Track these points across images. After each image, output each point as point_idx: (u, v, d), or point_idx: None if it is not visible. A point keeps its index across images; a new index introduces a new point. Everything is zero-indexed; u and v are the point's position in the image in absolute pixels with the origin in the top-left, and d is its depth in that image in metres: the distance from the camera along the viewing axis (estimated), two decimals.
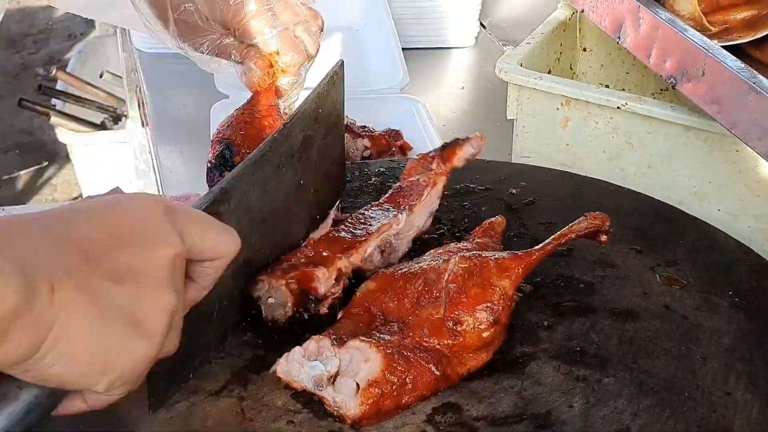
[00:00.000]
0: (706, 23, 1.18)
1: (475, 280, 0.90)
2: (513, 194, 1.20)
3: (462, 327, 0.88)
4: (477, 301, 0.89)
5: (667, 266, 1.06)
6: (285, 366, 0.85)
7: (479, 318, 0.88)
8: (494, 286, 0.90)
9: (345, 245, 0.99)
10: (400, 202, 1.07)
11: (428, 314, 0.89)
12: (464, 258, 0.93)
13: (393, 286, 0.93)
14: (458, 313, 0.88)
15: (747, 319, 0.97)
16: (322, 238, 1.00)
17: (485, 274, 0.90)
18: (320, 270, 0.93)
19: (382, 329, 0.89)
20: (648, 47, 1.12)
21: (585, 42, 1.63)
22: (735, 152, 1.19)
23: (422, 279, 0.92)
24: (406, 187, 1.09)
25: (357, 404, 0.81)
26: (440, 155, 1.10)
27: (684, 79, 1.05)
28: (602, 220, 0.97)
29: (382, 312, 0.92)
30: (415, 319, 0.89)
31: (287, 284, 0.93)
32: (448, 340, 0.88)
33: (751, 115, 0.95)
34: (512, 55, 1.37)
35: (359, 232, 1.01)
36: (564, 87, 1.29)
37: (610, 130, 1.29)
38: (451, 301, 0.89)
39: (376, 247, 1.00)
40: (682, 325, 0.97)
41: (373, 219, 1.03)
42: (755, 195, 1.21)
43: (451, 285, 0.90)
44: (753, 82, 0.95)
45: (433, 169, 1.09)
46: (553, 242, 0.95)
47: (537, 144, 1.36)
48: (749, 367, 0.91)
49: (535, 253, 0.94)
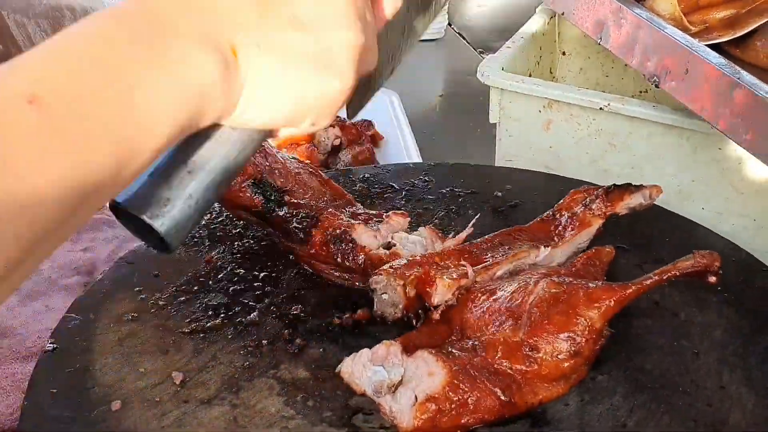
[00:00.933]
0: (686, 23, 1.19)
1: (561, 308, 0.84)
2: (498, 197, 1.20)
3: (538, 354, 0.83)
4: (559, 329, 0.83)
5: (654, 264, 1.05)
6: (350, 366, 0.84)
7: (559, 347, 0.83)
8: (580, 316, 0.83)
9: (475, 260, 0.96)
10: (550, 230, 1.03)
11: (506, 336, 0.84)
12: (553, 282, 0.87)
13: (476, 300, 0.89)
14: (537, 339, 0.83)
15: (738, 315, 0.97)
16: (456, 249, 0.98)
17: (572, 302, 0.84)
18: (442, 280, 0.89)
19: (456, 344, 0.85)
20: (630, 47, 1.12)
21: (564, 46, 1.63)
22: (718, 150, 1.20)
23: (507, 298, 0.87)
24: (560, 217, 1.03)
25: (411, 417, 0.79)
26: (605, 196, 1.03)
27: (667, 77, 1.05)
28: (711, 260, 0.88)
29: (461, 326, 0.88)
30: (492, 338, 0.85)
31: (404, 285, 0.91)
32: (521, 365, 0.83)
33: (735, 111, 0.96)
34: (494, 59, 1.38)
35: (494, 251, 0.98)
36: (546, 89, 1.30)
37: (592, 132, 1.29)
38: (531, 326, 0.84)
39: (506, 272, 0.96)
40: (672, 321, 0.97)
41: (515, 241, 1.00)
42: (739, 193, 1.21)
43: (534, 309, 0.85)
44: (737, 77, 0.95)
45: (593, 208, 1.03)
46: (654, 278, 0.87)
47: (520, 147, 1.36)
48: (743, 362, 0.91)
49: (631, 287, 0.86)
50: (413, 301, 0.92)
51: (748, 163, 1.18)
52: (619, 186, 1.04)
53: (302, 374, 0.89)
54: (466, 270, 0.92)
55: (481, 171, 1.27)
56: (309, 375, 0.89)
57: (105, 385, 0.87)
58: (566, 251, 1.01)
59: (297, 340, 0.94)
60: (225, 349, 0.92)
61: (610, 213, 1.03)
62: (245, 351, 0.92)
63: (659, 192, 1.03)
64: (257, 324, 0.96)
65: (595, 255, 0.98)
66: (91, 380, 0.87)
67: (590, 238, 1.02)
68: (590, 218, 1.02)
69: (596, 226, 1.02)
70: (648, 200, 1.03)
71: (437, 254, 0.97)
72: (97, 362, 0.90)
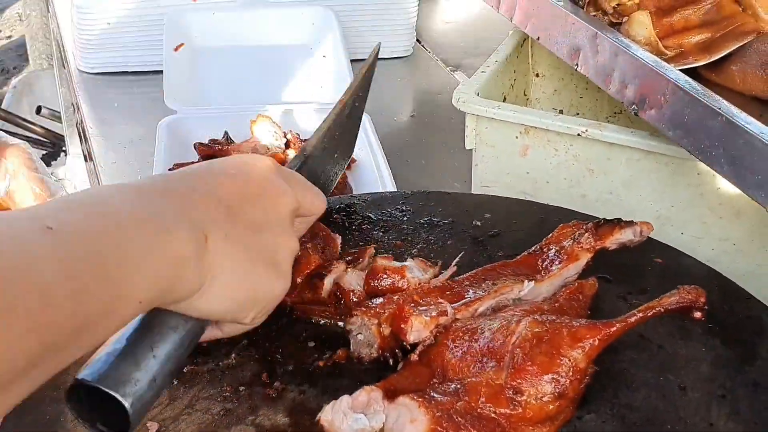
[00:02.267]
0: (661, 48, 1.18)
1: (543, 348, 0.82)
2: (478, 226, 1.18)
3: (522, 397, 0.80)
4: (543, 370, 0.81)
5: (639, 295, 1.04)
6: (329, 414, 0.81)
7: (542, 389, 0.80)
8: (564, 356, 0.82)
9: (456, 297, 0.93)
10: (537, 264, 1.00)
11: (489, 378, 0.82)
12: (536, 321, 0.85)
13: (457, 340, 0.86)
14: (520, 381, 0.80)
15: (724, 345, 0.96)
16: (437, 287, 0.96)
17: (555, 342, 0.82)
18: (417, 317, 0.88)
19: (438, 387, 0.83)
20: (608, 74, 1.11)
21: (537, 68, 1.62)
22: (696, 175, 1.19)
23: (489, 338, 0.85)
24: (548, 251, 1.01)
25: None
26: (595, 231, 1.01)
27: (646, 105, 1.04)
28: (696, 295, 0.86)
29: (443, 368, 0.85)
30: (475, 381, 0.82)
31: (378, 324, 0.90)
32: (505, 409, 0.80)
33: (716, 140, 0.95)
34: (468, 84, 1.36)
35: (477, 287, 0.95)
36: (523, 115, 1.28)
37: (570, 158, 1.28)
38: (514, 367, 0.81)
39: (489, 307, 0.93)
40: (658, 354, 0.95)
41: (499, 276, 0.98)
42: (718, 217, 1.21)
43: (517, 350, 0.82)
44: (717, 107, 0.94)
45: (581, 242, 1.00)
46: (638, 315, 0.85)
47: (497, 174, 1.35)
48: (731, 395, 0.90)
49: (615, 324, 0.84)
50: (388, 340, 0.91)
51: (726, 188, 1.17)
52: (609, 221, 1.02)
53: (282, 420, 0.86)
54: (445, 308, 0.90)
55: (459, 199, 1.25)
56: (289, 421, 0.86)
57: None
58: (553, 285, 0.99)
59: (276, 384, 0.91)
60: (201, 395, 0.89)
61: (599, 247, 1.01)
62: (222, 397, 0.89)
63: (650, 229, 1.02)
64: (234, 367, 0.93)
65: (577, 289, 0.96)
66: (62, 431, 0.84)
67: (578, 272, 1.00)
68: (578, 252, 1.00)
69: (584, 260, 1.00)
70: (638, 237, 1.02)
71: (416, 292, 0.95)
72: (68, 413, 0.86)
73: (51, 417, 0.86)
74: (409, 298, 0.93)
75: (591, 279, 0.99)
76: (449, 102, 1.36)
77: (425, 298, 0.93)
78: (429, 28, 2.69)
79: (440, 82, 2.31)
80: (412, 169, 1.82)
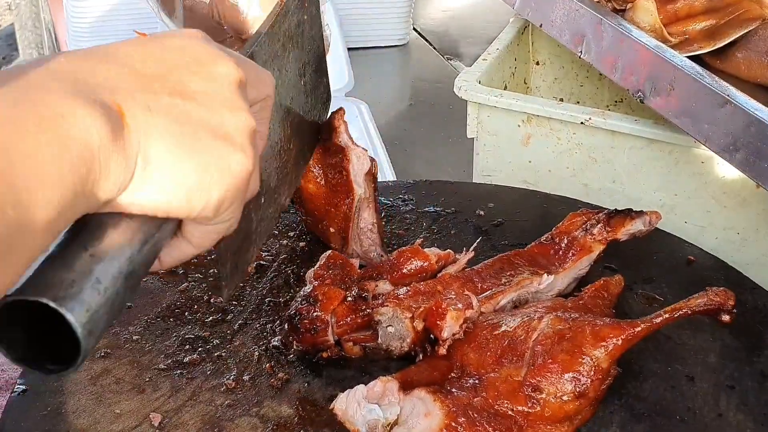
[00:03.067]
0: (666, 34, 1.17)
1: (565, 345, 0.80)
2: (481, 216, 1.17)
3: (541, 395, 0.78)
4: (563, 368, 0.79)
5: (644, 284, 1.04)
6: (344, 403, 0.80)
7: (562, 388, 0.79)
8: (585, 355, 0.79)
9: (477, 289, 0.92)
10: (550, 255, 0.99)
11: (508, 374, 0.80)
12: (558, 318, 0.83)
13: (478, 335, 0.85)
14: (540, 379, 0.79)
15: (731, 335, 0.95)
16: (457, 276, 0.94)
17: (578, 340, 0.80)
18: (451, 313, 0.84)
19: (456, 382, 0.81)
20: (613, 61, 1.10)
21: (538, 56, 1.61)
22: (701, 164, 1.18)
23: (510, 334, 0.83)
24: (559, 241, 1.00)
25: None
26: (606, 221, 1.00)
27: (652, 93, 1.03)
28: (725, 298, 0.85)
29: (462, 362, 0.83)
30: (493, 377, 0.80)
31: (412, 318, 0.87)
32: (523, 406, 0.78)
33: (724, 128, 0.94)
34: (470, 72, 1.34)
35: (497, 278, 0.94)
36: (525, 103, 1.27)
37: (573, 146, 1.27)
38: (534, 364, 0.80)
39: (510, 300, 0.92)
40: (665, 344, 0.95)
41: (515, 267, 0.96)
42: (722, 206, 1.20)
43: (538, 346, 0.80)
44: (726, 94, 0.93)
45: (594, 233, 0.99)
46: (664, 316, 0.84)
47: (499, 162, 1.34)
48: (739, 386, 0.89)
49: (640, 324, 0.82)
50: (420, 334, 0.88)
51: (730, 177, 1.16)
52: (621, 211, 1.01)
53: (286, 411, 0.85)
54: (471, 300, 0.88)
55: (461, 189, 1.24)
56: (293, 412, 0.85)
57: (79, 429, 0.83)
58: (567, 278, 0.98)
59: (280, 374, 0.90)
60: (204, 386, 0.88)
61: (611, 239, 1.00)
62: (226, 388, 0.88)
63: (658, 218, 1.01)
64: (237, 357, 0.92)
65: (603, 286, 0.95)
66: (64, 424, 0.83)
67: (591, 264, 0.99)
68: (591, 244, 0.99)
69: (597, 252, 0.99)
70: (648, 226, 1.00)
71: (438, 282, 0.93)
72: (69, 404, 0.85)
73: (52, 408, 0.85)
74: (433, 288, 0.91)
75: (617, 276, 0.98)
76: (447, 91, 1.35)
77: (449, 289, 0.92)
78: (425, 17, 2.67)
79: (437, 71, 2.30)
80: (410, 157, 1.81)
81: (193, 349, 0.93)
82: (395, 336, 0.88)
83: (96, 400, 0.86)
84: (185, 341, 0.94)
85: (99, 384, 0.88)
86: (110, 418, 0.84)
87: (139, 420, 0.84)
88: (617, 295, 0.96)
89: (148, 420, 0.83)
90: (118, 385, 0.88)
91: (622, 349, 0.81)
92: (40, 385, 0.87)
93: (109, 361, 0.91)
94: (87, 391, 0.87)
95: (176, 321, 0.97)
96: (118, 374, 0.89)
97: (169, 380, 0.89)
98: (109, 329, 0.93)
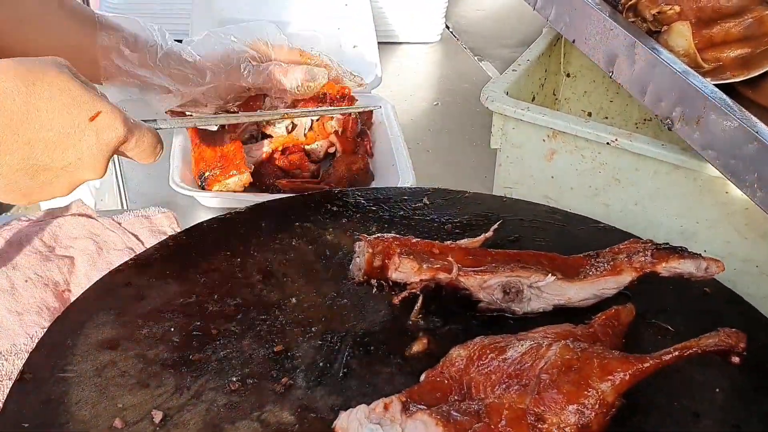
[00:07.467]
0: (700, 60, 1.15)
1: (572, 376, 0.79)
2: (497, 230, 1.16)
3: (544, 425, 0.77)
4: (568, 400, 0.78)
5: (657, 314, 1.03)
6: (345, 422, 0.80)
7: (566, 419, 0.77)
8: (592, 388, 0.79)
9: (474, 262, 0.95)
10: (582, 267, 0.99)
11: (512, 401, 0.79)
12: (567, 348, 0.82)
13: (484, 357, 0.84)
14: (544, 408, 0.78)
15: (740, 372, 0.94)
16: (464, 248, 0.99)
17: (585, 372, 0.80)
18: (405, 260, 0.93)
19: (458, 405, 0.80)
20: (643, 85, 1.08)
21: (569, 67, 1.59)
22: (725, 194, 1.16)
23: (517, 359, 0.82)
24: (602, 257, 1.00)
25: None
26: (655, 252, 0.98)
27: (681, 121, 1.01)
28: (737, 340, 0.84)
29: (466, 384, 0.83)
30: (497, 402, 0.80)
31: (372, 254, 0.96)
32: None
33: (751, 165, 0.92)
34: (498, 82, 1.33)
35: (501, 263, 0.97)
36: (552, 119, 1.26)
37: (597, 165, 1.25)
38: (539, 393, 0.79)
39: (499, 283, 0.94)
40: (673, 378, 0.93)
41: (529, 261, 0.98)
42: (743, 238, 1.18)
43: (544, 375, 0.80)
44: (755, 131, 0.91)
45: (632, 259, 0.98)
46: (673, 354, 0.83)
47: (521, 175, 1.33)
48: (745, 427, 0.88)
49: (649, 360, 0.82)
50: (374, 269, 0.96)
51: (754, 209, 1.15)
52: (672, 246, 0.99)
53: (287, 418, 0.85)
54: (451, 266, 0.93)
55: (479, 200, 1.23)
56: (294, 419, 0.85)
57: (80, 420, 0.83)
58: (584, 290, 0.97)
59: (283, 379, 0.90)
60: (208, 386, 0.88)
61: (649, 270, 0.98)
62: (228, 389, 0.88)
63: (720, 269, 0.97)
64: (243, 358, 0.92)
65: (614, 315, 0.93)
66: (65, 415, 0.83)
67: (618, 288, 0.98)
68: (624, 267, 0.98)
69: (628, 278, 0.97)
70: (702, 273, 0.97)
71: (438, 245, 0.98)
72: (72, 394, 0.85)
73: (54, 397, 0.85)
74: (427, 247, 0.97)
75: (628, 304, 0.97)
76: (474, 93, 1.34)
77: (444, 253, 0.97)
78: (459, 15, 2.65)
79: (467, 71, 2.28)
80: (432, 159, 1.80)
81: (201, 346, 0.93)
82: (357, 266, 0.99)
83: (99, 392, 0.86)
84: (193, 337, 0.94)
85: (103, 376, 0.88)
86: (112, 411, 0.84)
87: (141, 416, 0.84)
88: (628, 324, 0.95)
89: (150, 416, 0.84)
90: (123, 378, 0.88)
91: (629, 384, 0.81)
92: (44, 374, 0.87)
93: (116, 352, 0.91)
94: (91, 383, 0.87)
95: (186, 316, 0.97)
96: (123, 367, 0.90)
97: (174, 377, 0.89)
98: (118, 320, 0.95)
